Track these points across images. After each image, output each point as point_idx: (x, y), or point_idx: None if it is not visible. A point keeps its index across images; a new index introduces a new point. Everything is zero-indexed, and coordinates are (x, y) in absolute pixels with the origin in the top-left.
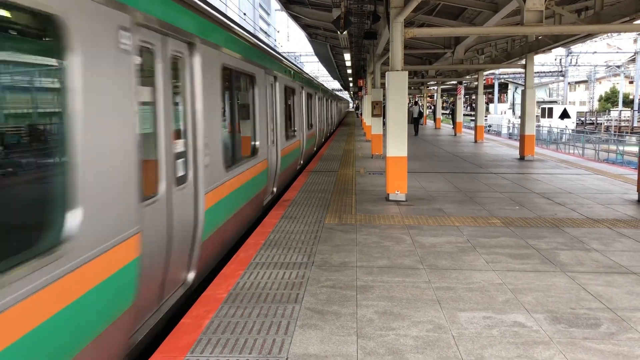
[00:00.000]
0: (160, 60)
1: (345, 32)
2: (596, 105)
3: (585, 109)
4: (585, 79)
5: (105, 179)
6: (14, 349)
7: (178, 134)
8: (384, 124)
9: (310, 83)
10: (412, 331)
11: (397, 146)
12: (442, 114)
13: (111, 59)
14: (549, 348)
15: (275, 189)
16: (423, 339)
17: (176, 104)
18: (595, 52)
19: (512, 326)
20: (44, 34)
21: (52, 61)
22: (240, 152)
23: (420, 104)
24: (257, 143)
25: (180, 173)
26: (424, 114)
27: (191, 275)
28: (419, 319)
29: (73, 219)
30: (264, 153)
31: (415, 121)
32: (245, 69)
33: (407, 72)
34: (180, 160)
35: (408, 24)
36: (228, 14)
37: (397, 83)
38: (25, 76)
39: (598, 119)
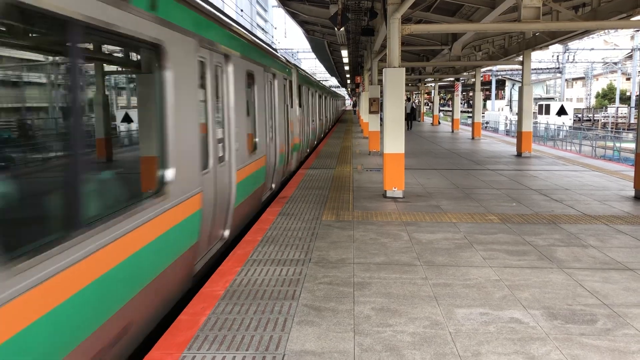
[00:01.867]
0: (208, 69)
1: (342, 29)
2: (593, 101)
3: (582, 105)
4: (583, 75)
5: (185, 152)
6: (153, 247)
7: (219, 125)
8: (382, 119)
9: (308, 80)
10: (409, 327)
11: (395, 143)
12: (440, 110)
13: (190, 71)
14: (545, 344)
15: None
16: (420, 335)
17: (217, 101)
18: (592, 49)
19: (509, 322)
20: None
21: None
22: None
23: (417, 100)
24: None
25: (221, 154)
26: (421, 111)
27: (226, 233)
28: (416, 316)
29: (171, 174)
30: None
31: (408, 116)
32: (261, 73)
33: (404, 69)
34: (220, 144)
35: (405, 20)
36: (225, 11)
37: (395, 80)
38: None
39: (595, 115)
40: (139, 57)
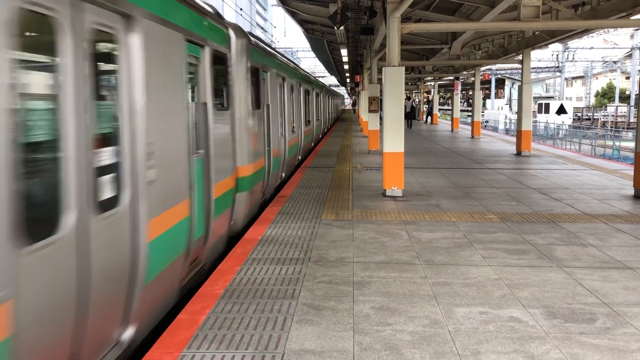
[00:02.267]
0: (268, 80)
1: (341, 28)
2: (593, 100)
3: (582, 104)
4: (582, 74)
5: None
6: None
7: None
8: (381, 118)
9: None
10: (408, 326)
11: (394, 142)
12: (440, 109)
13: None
14: (545, 343)
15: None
16: (419, 334)
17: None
18: (592, 48)
19: (508, 321)
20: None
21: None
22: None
23: (417, 99)
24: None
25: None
26: (421, 110)
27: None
28: (416, 315)
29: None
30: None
31: (407, 115)
32: (293, 82)
33: (403, 68)
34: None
35: (405, 19)
36: (225, 10)
37: (394, 79)
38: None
39: (595, 114)
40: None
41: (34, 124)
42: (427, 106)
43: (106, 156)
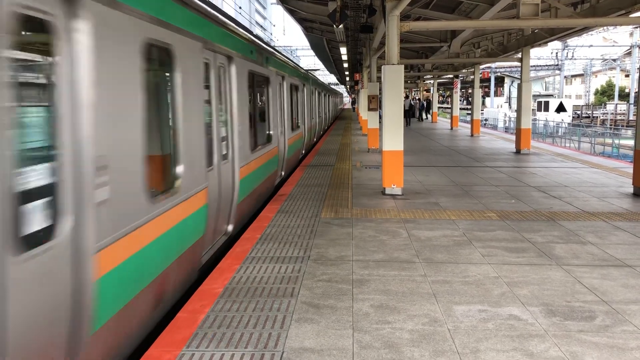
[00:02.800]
0: (284, 86)
1: (341, 26)
2: (592, 98)
3: (581, 102)
4: (582, 72)
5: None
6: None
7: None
8: (381, 117)
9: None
10: (407, 325)
11: (393, 140)
12: (439, 107)
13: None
14: (544, 341)
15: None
16: (419, 332)
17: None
18: (591, 46)
19: (507, 319)
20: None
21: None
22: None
23: (415, 97)
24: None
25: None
26: (433, 109)
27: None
28: (415, 313)
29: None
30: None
31: (406, 114)
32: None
33: (402, 66)
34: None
35: (404, 17)
36: (224, 9)
37: (393, 77)
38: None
39: (594, 112)
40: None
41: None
42: (418, 102)
43: None
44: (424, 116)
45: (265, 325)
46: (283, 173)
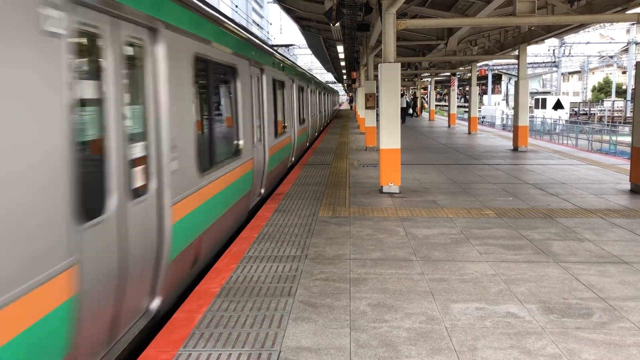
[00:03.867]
0: (294, 87)
1: (337, 24)
2: (589, 95)
3: (578, 99)
4: (579, 69)
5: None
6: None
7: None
8: (378, 115)
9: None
10: (405, 323)
11: (391, 138)
12: (436, 105)
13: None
14: (541, 338)
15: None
16: (416, 330)
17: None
18: (588, 43)
19: (505, 317)
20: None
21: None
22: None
23: (413, 95)
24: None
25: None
26: (418, 105)
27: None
28: (412, 311)
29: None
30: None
31: (402, 111)
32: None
33: (399, 64)
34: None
35: (400, 15)
36: (221, 8)
37: (390, 75)
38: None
39: (591, 109)
40: None
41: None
42: (408, 100)
43: None
44: (410, 111)
45: (263, 325)
46: (293, 159)
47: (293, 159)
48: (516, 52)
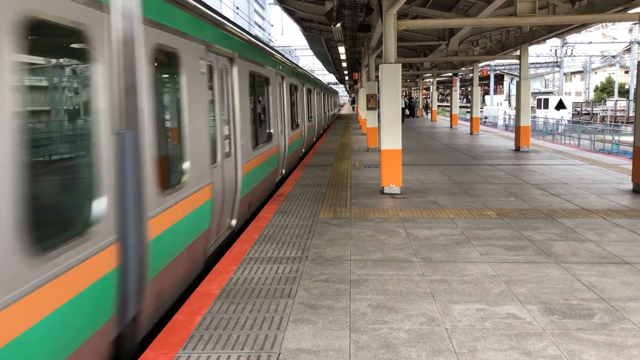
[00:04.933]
0: (304, 90)
1: (338, 25)
2: (592, 95)
3: (581, 99)
4: (581, 69)
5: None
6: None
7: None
8: (379, 116)
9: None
10: (405, 324)
11: (392, 139)
12: (439, 106)
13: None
14: (542, 339)
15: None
16: (416, 332)
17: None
18: (590, 43)
19: (505, 318)
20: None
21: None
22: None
23: (414, 96)
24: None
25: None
26: (419, 106)
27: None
28: (413, 312)
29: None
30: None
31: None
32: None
33: (400, 65)
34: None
35: (401, 15)
36: (223, 10)
37: (391, 75)
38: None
39: (594, 109)
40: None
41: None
42: (406, 101)
43: None
44: (407, 112)
45: (262, 327)
46: (304, 150)
47: (304, 150)
48: (518, 53)
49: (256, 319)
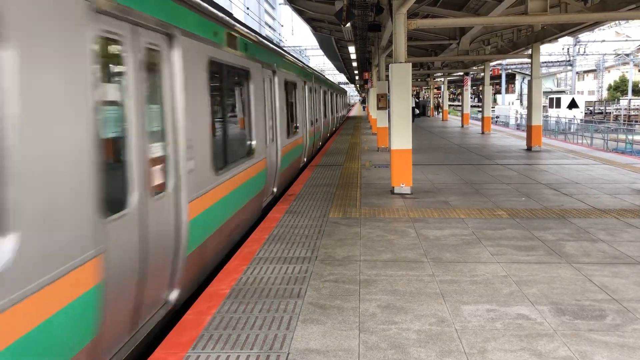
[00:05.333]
0: (320, 92)
1: (348, 25)
2: (605, 94)
3: (594, 98)
4: (594, 68)
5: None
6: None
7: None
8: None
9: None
10: (414, 325)
11: (402, 139)
12: (450, 105)
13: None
14: (553, 340)
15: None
16: (426, 332)
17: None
18: (603, 41)
19: (516, 319)
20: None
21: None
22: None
23: (425, 95)
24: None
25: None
26: (430, 105)
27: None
28: (422, 313)
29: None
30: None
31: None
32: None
33: (410, 64)
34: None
35: (412, 15)
36: (232, 10)
37: (401, 75)
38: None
39: (607, 108)
40: None
41: None
42: (416, 100)
43: None
44: (416, 112)
45: (271, 327)
46: (321, 143)
47: (320, 143)
48: (529, 51)
49: (265, 318)
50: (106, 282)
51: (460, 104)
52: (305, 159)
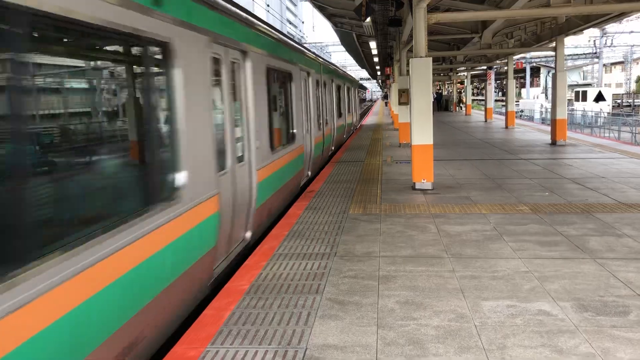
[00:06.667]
0: (344, 88)
1: (369, 20)
2: (633, 86)
3: (621, 90)
4: (622, 60)
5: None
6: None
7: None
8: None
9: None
10: (433, 321)
11: (423, 134)
12: (473, 100)
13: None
14: (574, 337)
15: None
16: (444, 328)
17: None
18: (631, 32)
19: (536, 315)
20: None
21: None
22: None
23: (448, 89)
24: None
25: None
26: (453, 100)
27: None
28: (441, 309)
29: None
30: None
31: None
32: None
33: (430, 59)
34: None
35: (432, 9)
36: (254, 9)
37: (421, 70)
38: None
39: (635, 100)
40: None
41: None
42: (434, 95)
43: None
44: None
45: (290, 322)
46: (345, 136)
47: (345, 136)
48: (553, 44)
49: (284, 314)
50: (220, 212)
51: (483, 98)
52: (333, 148)
